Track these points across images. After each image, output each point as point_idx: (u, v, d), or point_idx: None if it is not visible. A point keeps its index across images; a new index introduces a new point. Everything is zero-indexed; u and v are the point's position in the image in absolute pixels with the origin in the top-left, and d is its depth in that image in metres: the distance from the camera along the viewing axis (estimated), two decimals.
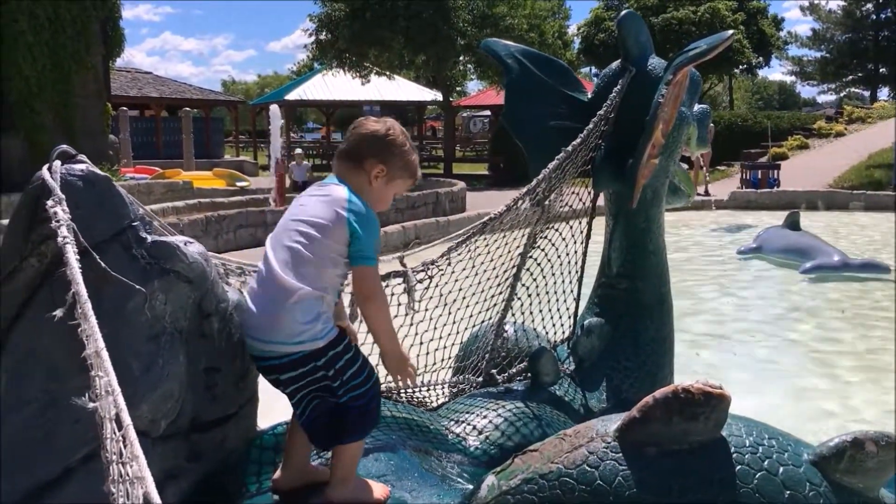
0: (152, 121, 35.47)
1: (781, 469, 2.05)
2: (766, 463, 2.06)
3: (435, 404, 3.29)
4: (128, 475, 1.47)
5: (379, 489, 2.31)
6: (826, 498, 2.03)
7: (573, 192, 3.53)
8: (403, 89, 39.14)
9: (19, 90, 15.57)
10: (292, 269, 2.15)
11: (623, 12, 3.58)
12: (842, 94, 56.87)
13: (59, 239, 1.77)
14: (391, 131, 2.34)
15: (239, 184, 21.75)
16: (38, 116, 15.78)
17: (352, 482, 2.27)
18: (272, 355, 2.18)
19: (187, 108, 29.56)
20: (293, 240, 2.19)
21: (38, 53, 15.78)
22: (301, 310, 2.13)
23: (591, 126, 3.36)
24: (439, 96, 31.94)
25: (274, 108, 16.74)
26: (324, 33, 27.76)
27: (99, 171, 1.97)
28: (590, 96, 3.66)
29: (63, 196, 1.83)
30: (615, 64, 3.61)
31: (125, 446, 1.50)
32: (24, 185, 1.98)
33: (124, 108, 25.28)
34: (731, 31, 3.40)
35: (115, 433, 1.53)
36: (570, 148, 3.29)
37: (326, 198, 2.24)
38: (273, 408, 2.58)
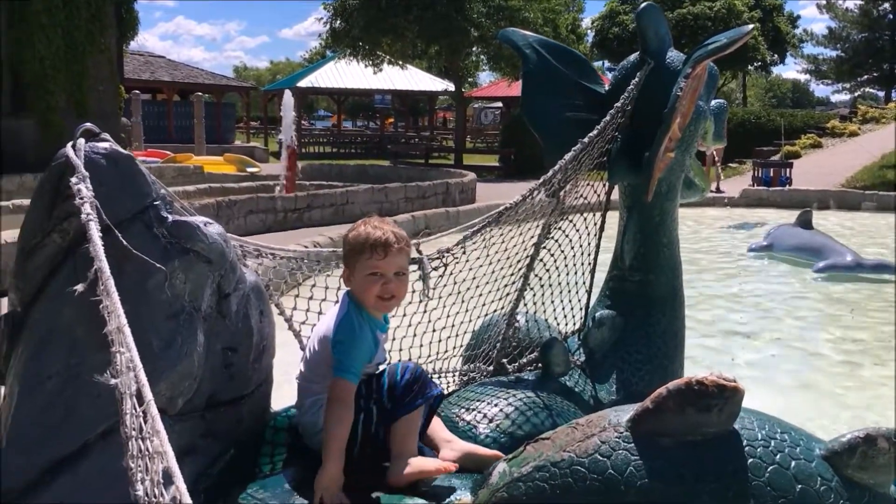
0: (164, 105, 35.57)
1: (793, 463, 2.06)
2: (777, 457, 2.06)
3: (445, 392, 3.31)
4: (148, 450, 1.49)
5: (437, 462, 2.36)
6: (837, 493, 2.04)
7: (588, 184, 3.52)
8: (415, 79, 39.13)
9: (34, 71, 15.64)
10: (305, 378, 2.43)
11: (643, 4, 3.56)
12: (856, 94, 56.55)
13: (83, 216, 1.78)
14: (347, 235, 2.45)
15: (249, 169, 21.82)
16: (51, 98, 15.85)
17: (410, 457, 2.32)
18: None
19: (199, 93, 29.62)
20: (309, 351, 2.46)
21: (53, 35, 15.85)
22: (308, 408, 2.39)
23: (607, 118, 3.36)
24: (451, 87, 31.89)
25: (287, 95, 16.72)
26: (338, 21, 27.72)
27: (122, 150, 1.98)
28: (607, 88, 3.65)
29: (87, 173, 1.85)
30: (633, 56, 3.60)
31: (146, 422, 1.51)
32: (37, 166, 2.01)
33: (137, 92, 25.36)
34: (751, 26, 3.38)
35: (135, 409, 1.54)
36: (586, 139, 3.29)
37: (331, 313, 2.45)
38: (287, 389, 2.60)
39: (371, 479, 2.30)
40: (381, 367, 2.50)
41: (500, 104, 44.30)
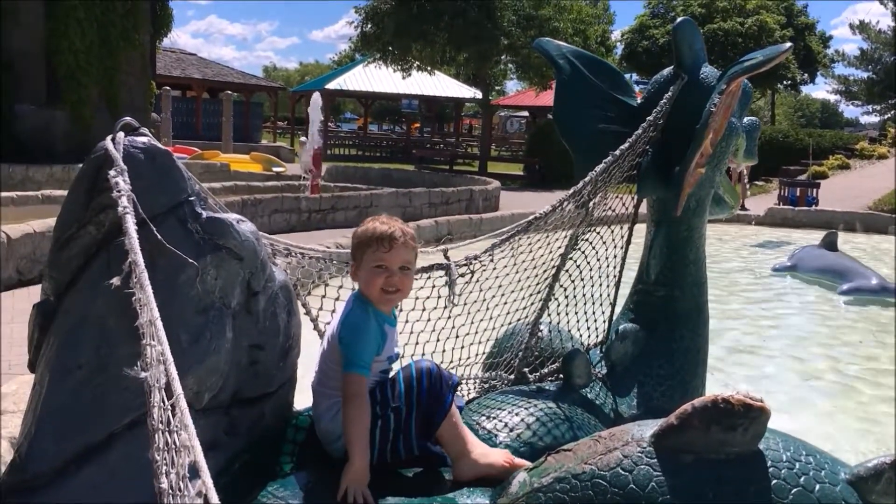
0: (193, 101, 35.89)
1: (818, 486, 2.04)
2: (802, 479, 2.04)
3: (466, 399, 3.31)
4: (175, 444, 1.50)
5: (500, 454, 2.42)
6: None
7: (617, 197, 3.52)
8: (443, 85, 39.20)
9: (67, 64, 15.82)
10: (319, 382, 2.42)
11: (680, 19, 3.56)
12: (885, 116, 55.93)
13: (119, 209, 1.80)
14: (356, 230, 2.48)
15: (275, 169, 21.93)
16: (84, 90, 16.02)
17: (472, 456, 2.37)
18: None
19: (228, 92, 29.83)
20: (320, 355, 2.45)
21: (88, 29, 16.03)
22: (325, 415, 2.38)
23: (639, 131, 3.35)
24: (479, 94, 31.92)
25: (315, 97, 16.80)
26: (369, 25, 27.84)
27: (160, 145, 2.00)
28: (639, 101, 3.65)
29: (125, 167, 1.87)
30: (667, 70, 3.59)
31: (174, 415, 1.52)
32: (67, 157, 2.03)
33: (167, 88, 25.60)
34: (788, 45, 3.36)
35: (164, 402, 1.55)
36: (617, 152, 3.28)
37: (339, 316, 2.45)
38: (309, 388, 2.60)
39: (393, 482, 2.31)
40: (394, 365, 2.51)
41: (526, 113, 44.29)
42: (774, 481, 2.02)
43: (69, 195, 2.04)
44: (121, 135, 1.97)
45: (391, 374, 2.48)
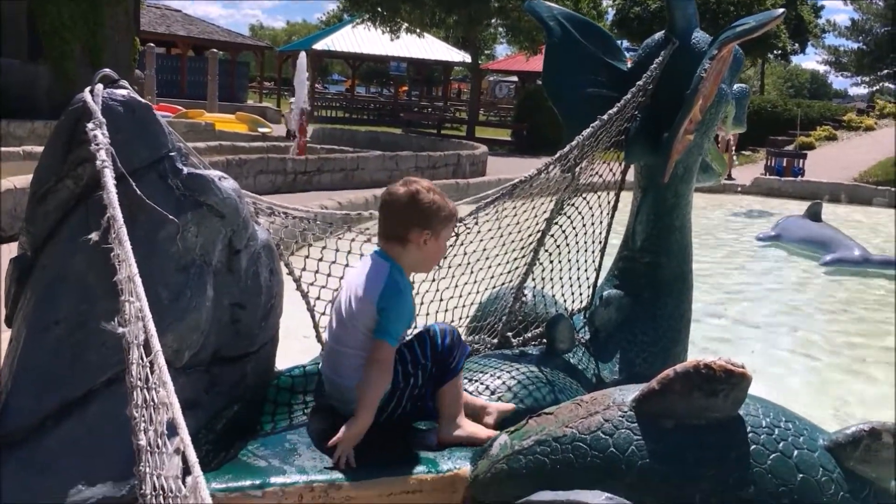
0: (178, 59, 35.38)
1: (796, 452, 2.05)
2: (781, 445, 2.06)
3: None
4: (153, 401, 1.48)
5: (486, 432, 2.44)
6: (838, 484, 2.04)
7: (604, 163, 3.49)
8: (432, 48, 38.81)
9: (51, 19, 15.54)
10: (339, 341, 2.39)
11: None
12: (874, 88, 55.94)
13: (98, 162, 1.77)
14: (419, 194, 2.40)
15: (261, 129, 21.74)
16: (67, 46, 15.76)
17: (459, 420, 2.42)
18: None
19: (214, 50, 29.43)
20: (340, 316, 2.41)
21: None
22: (351, 376, 2.34)
23: (628, 96, 3.32)
24: (468, 58, 31.64)
25: (302, 58, 16.59)
26: None
27: (140, 98, 1.96)
28: (630, 66, 3.61)
29: (104, 120, 1.83)
30: (658, 35, 3.55)
31: (152, 372, 1.50)
32: (50, 113, 1.99)
33: (151, 45, 25.19)
34: (780, 10, 3.33)
35: (142, 359, 1.54)
36: (605, 116, 3.25)
37: (362, 275, 2.41)
38: (291, 349, 2.60)
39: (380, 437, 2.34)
40: (412, 328, 2.55)
41: (515, 78, 43.96)
42: (753, 447, 2.04)
43: (46, 148, 2.00)
44: (99, 87, 1.92)
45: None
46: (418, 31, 30.49)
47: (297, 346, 3.14)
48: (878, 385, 5.44)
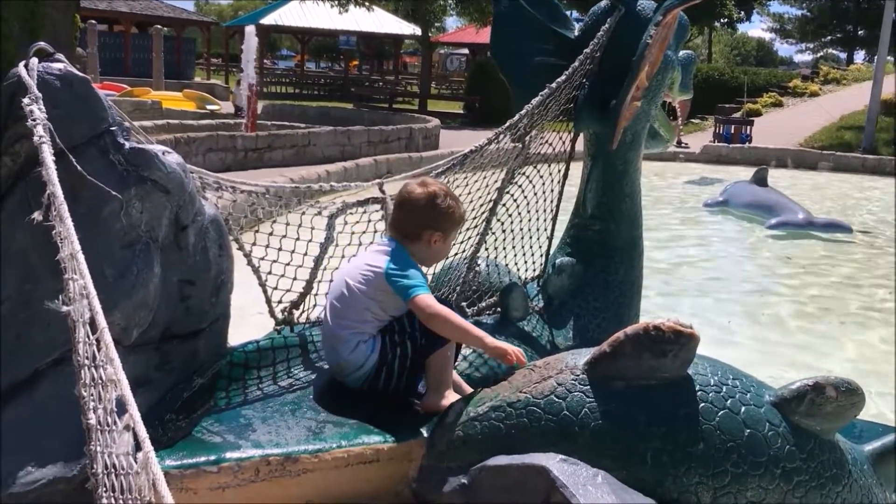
0: (121, 36, 34.50)
1: (743, 408, 2.11)
2: (728, 402, 2.11)
3: None
4: (101, 378, 1.46)
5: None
6: (784, 438, 2.10)
7: (554, 131, 3.51)
8: (382, 21, 38.42)
9: None
10: (342, 324, 2.47)
11: None
12: (818, 55, 56.97)
13: (35, 138, 1.72)
14: (437, 198, 2.55)
15: (209, 107, 21.32)
16: (4, 24, 15.22)
17: (446, 389, 2.46)
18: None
19: (158, 26, 28.72)
20: (341, 293, 2.49)
21: None
22: (344, 347, 2.45)
23: (576, 64, 3.33)
24: (418, 31, 31.39)
25: (250, 31, 16.27)
26: None
27: (78, 72, 1.91)
28: (577, 34, 3.62)
29: (40, 95, 1.78)
30: (604, 2, 3.56)
31: (99, 350, 1.48)
32: None
33: (93, 22, 24.54)
34: None
35: (88, 337, 1.51)
36: (553, 85, 3.26)
37: (369, 257, 2.52)
38: (244, 324, 2.58)
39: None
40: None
41: (466, 51, 43.77)
42: (702, 405, 2.09)
43: None
44: (34, 61, 1.87)
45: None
46: (367, 4, 30.13)
47: (250, 321, 3.12)
48: (822, 340, 5.59)
